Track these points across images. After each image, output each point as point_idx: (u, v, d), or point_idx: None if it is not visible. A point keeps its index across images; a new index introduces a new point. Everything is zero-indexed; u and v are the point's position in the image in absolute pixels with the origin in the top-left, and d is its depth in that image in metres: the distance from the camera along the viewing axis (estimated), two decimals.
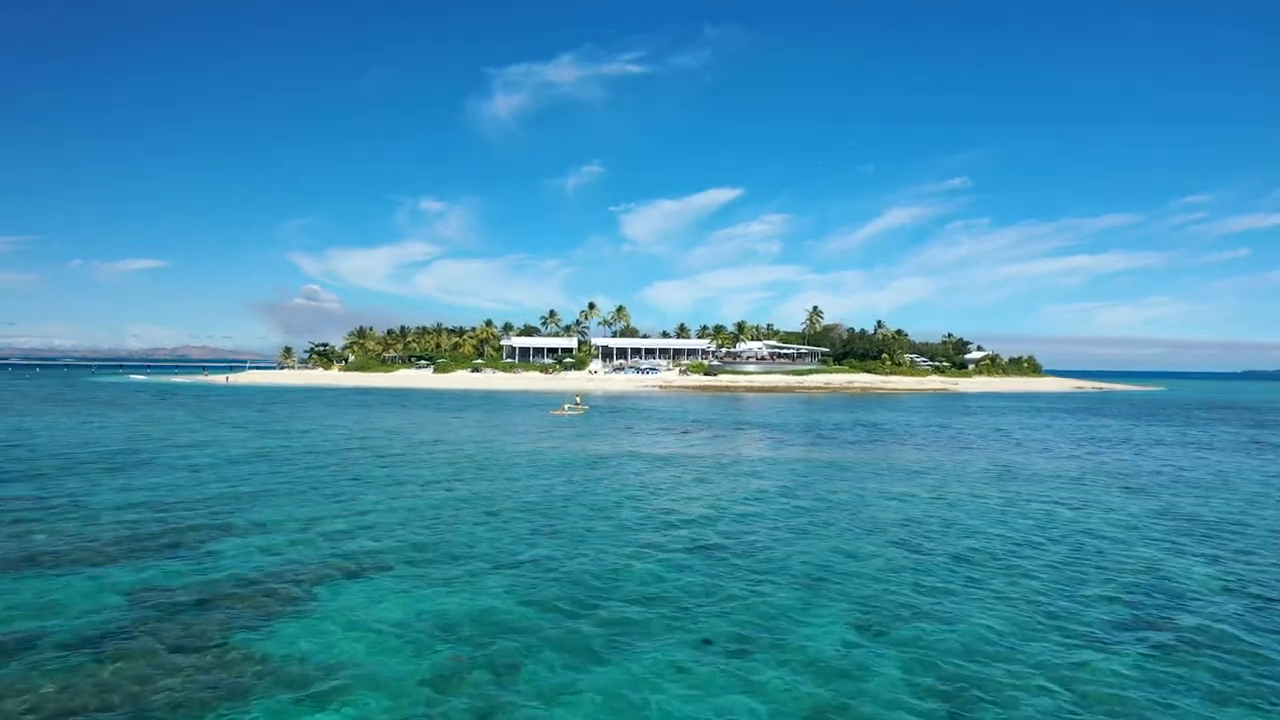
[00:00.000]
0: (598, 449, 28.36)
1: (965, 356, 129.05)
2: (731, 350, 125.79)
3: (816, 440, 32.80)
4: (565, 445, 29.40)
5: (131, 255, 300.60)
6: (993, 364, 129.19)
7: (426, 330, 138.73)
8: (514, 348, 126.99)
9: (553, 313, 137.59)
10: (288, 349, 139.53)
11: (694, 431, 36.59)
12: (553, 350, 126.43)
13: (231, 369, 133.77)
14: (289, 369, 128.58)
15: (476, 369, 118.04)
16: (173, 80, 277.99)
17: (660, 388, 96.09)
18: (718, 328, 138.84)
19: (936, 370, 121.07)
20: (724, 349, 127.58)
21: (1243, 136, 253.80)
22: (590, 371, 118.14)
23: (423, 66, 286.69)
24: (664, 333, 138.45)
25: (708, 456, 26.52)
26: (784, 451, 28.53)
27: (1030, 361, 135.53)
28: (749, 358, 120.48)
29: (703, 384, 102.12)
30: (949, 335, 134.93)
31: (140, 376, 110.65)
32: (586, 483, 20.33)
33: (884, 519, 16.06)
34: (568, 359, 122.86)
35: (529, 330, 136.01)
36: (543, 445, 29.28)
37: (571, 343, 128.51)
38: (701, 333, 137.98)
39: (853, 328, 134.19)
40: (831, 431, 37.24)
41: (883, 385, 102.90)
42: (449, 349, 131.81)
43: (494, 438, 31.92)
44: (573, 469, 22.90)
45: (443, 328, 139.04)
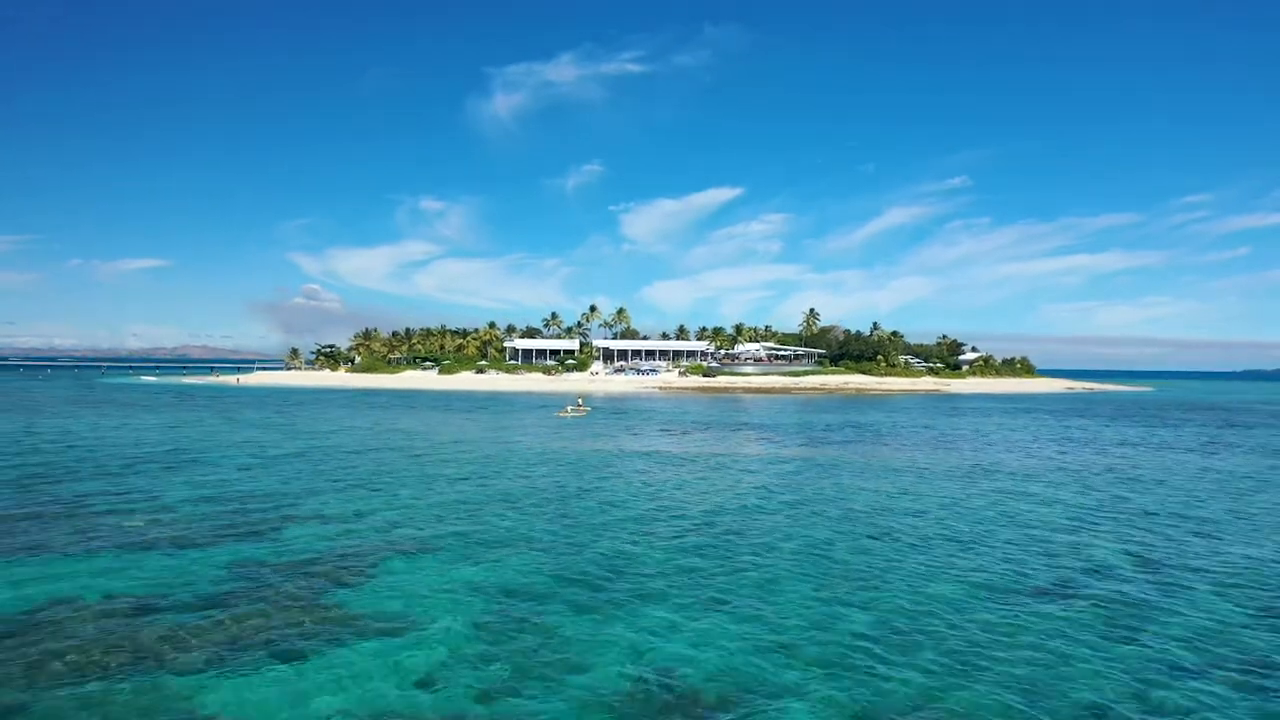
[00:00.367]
0: (603, 448, 30.84)
1: (959, 358, 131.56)
2: (730, 352, 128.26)
3: (806, 441, 35.27)
4: (573, 445, 31.89)
5: (131, 255, 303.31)
6: (986, 365, 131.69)
7: (431, 332, 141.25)
8: (517, 349, 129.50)
9: (555, 315, 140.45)
10: (294, 350, 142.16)
11: (692, 432, 39.06)
12: (555, 352, 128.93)
13: (239, 369, 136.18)
14: (296, 370, 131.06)
15: (481, 370, 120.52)
16: (173, 80, 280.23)
17: (660, 389, 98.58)
18: (716, 329, 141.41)
19: (931, 371, 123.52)
20: (722, 350, 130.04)
21: (1242, 136, 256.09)
22: (592, 373, 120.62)
23: (423, 66, 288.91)
24: (664, 334, 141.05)
25: (705, 455, 29.00)
26: (776, 451, 31.01)
27: (1023, 362, 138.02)
28: (747, 359, 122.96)
29: (701, 385, 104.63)
30: (944, 337, 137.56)
31: (151, 378, 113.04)
32: (596, 479, 22.82)
33: (857, 510, 18.53)
34: (570, 361, 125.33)
35: (531, 332, 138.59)
36: (553, 445, 31.77)
37: (573, 345, 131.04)
38: (701, 334, 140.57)
39: (849, 329, 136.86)
40: (822, 432, 39.71)
41: (877, 386, 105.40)
42: (453, 350, 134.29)
43: (507, 438, 34.39)
44: (582, 467, 25.38)
45: (446, 329, 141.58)
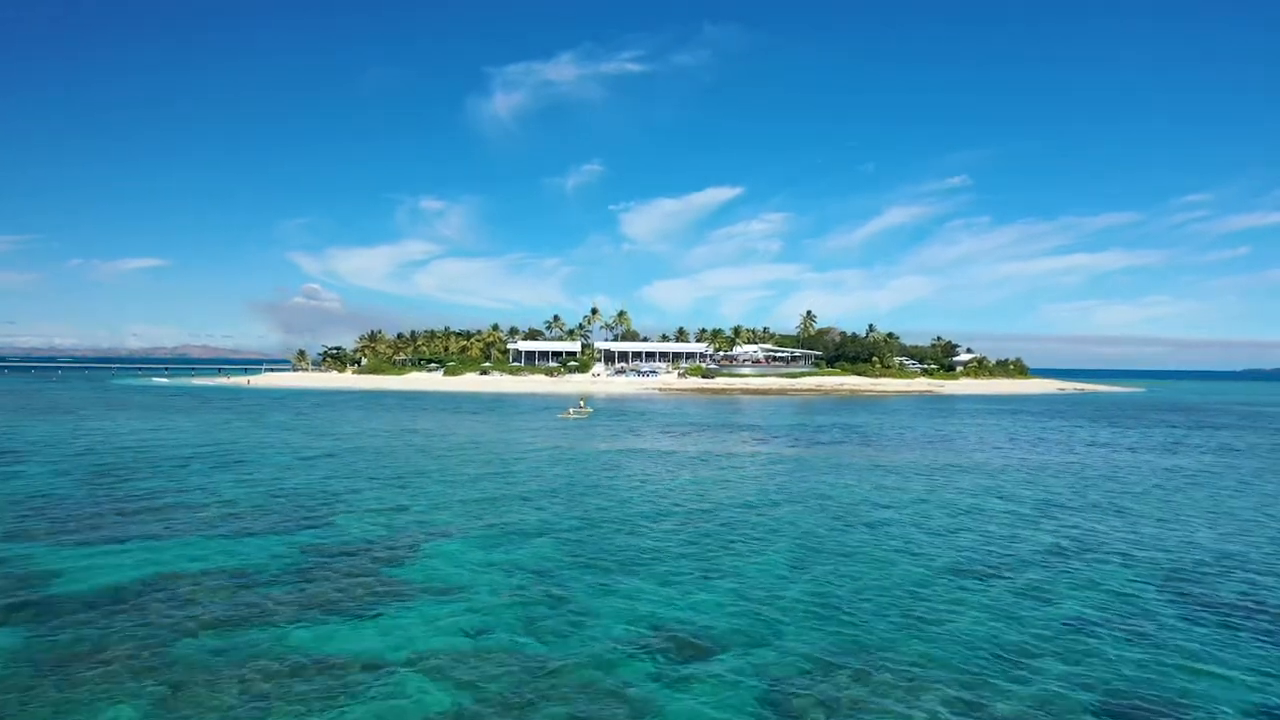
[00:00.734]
0: (607, 448, 33.42)
1: (953, 359, 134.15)
2: (728, 353, 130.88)
3: (796, 441, 37.85)
4: (580, 445, 34.48)
5: (131, 254, 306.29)
6: (980, 366, 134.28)
7: (435, 334, 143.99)
8: (520, 351, 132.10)
9: (557, 317, 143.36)
10: (301, 352, 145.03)
11: (690, 433, 41.64)
12: (557, 354, 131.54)
13: (247, 370, 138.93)
14: (303, 371, 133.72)
15: (485, 372, 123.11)
16: (173, 80, 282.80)
17: (660, 390, 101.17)
18: (715, 331, 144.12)
19: (925, 373, 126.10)
20: (721, 352, 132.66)
21: (1242, 135, 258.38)
22: (593, 374, 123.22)
23: (423, 66, 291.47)
24: (663, 336, 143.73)
25: (701, 455, 31.57)
26: (767, 451, 33.59)
27: (1017, 363, 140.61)
28: (745, 361, 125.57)
29: (700, 387, 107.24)
30: (938, 338, 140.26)
31: (163, 379, 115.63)
32: (602, 476, 25.40)
33: (835, 503, 21.10)
34: (572, 362, 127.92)
35: (534, 334, 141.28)
36: (561, 445, 34.36)
37: (575, 346, 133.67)
38: (700, 336, 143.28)
39: (845, 331, 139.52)
40: (812, 433, 42.30)
41: (871, 388, 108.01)
42: (457, 352, 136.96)
43: (517, 439, 36.97)
44: (589, 465, 27.96)
45: (450, 331, 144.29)
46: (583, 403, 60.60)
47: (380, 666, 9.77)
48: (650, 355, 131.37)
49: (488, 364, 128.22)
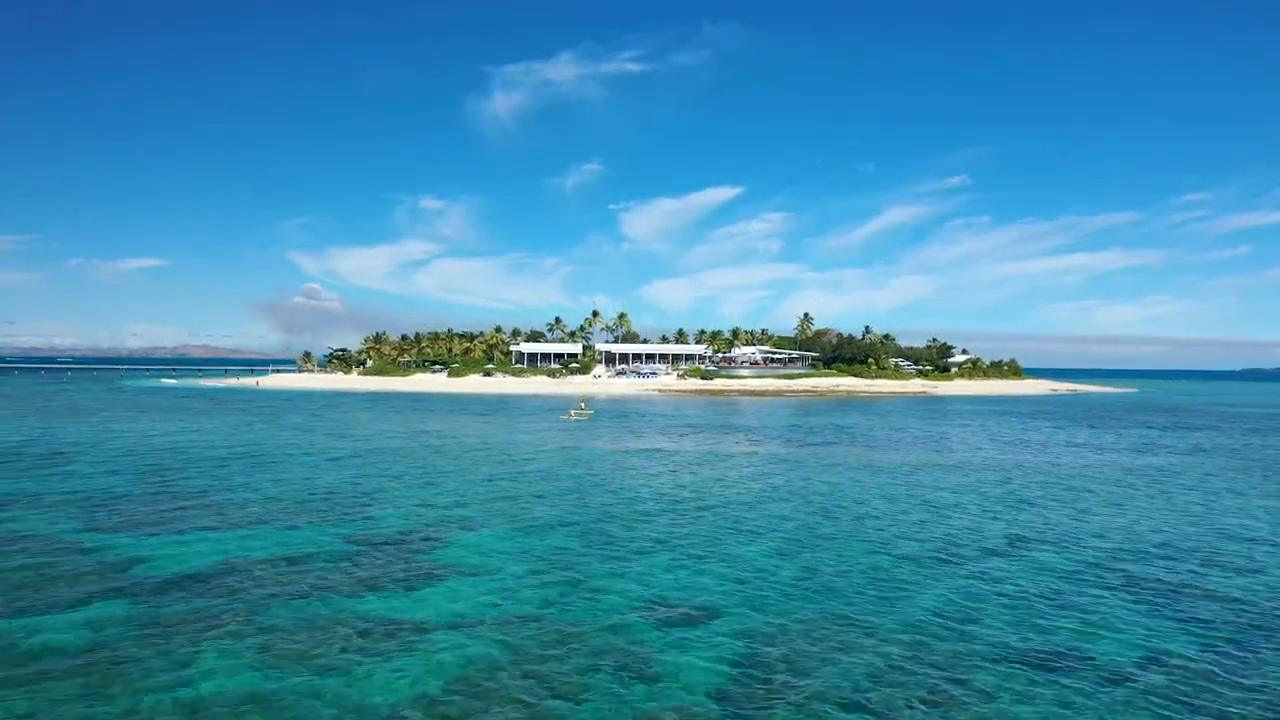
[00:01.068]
0: (611, 448, 35.57)
1: (948, 360, 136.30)
2: (727, 355, 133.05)
3: (789, 441, 40.00)
4: (585, 446, 36.63)
5: (131, 254, 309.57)
6: (974, 367, 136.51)
7: (439, 335, 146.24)
8: (522, 353, 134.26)
9: (558, 319, 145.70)
10: (307, 353, 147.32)
11: (690, 434, 43.78)
12: (559, 356, 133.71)
13: (254, 371, 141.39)
14: (309, 372, 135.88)
15: (488, 374, 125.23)
16: (173, 80, 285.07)
17: (660, 392, 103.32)
18: (715, 332, 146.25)
19: (920, 374, 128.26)
20: (720, 354, 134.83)
21: (1242, 135, 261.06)
22: (594, 376, 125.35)
23: (423, 66, 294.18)
24: (663, 337, 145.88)
25: (699, 454, 33.70)
26: (761, 450, 35.73)
27: (1011, 364, 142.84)
28: (743, 362, 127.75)
29: (699, 388, 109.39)
30: (934, 340, 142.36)
31: (171, 380, 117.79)
32: (607, 474, 27.53)
33: (820, 498, 23.24)
34: (573, 364, 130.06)
35: (535, 335, 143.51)
36: (567, 446, 36.50)
37: (576, 348, 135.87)
38: (699, 337, 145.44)
39: (841, 332, 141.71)
40: (805, 434, 44.45)
41: (867, 389, 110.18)
42: (460, 354, 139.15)
43: (525, 440, 39.12)
44: (595, 464, 30.10)
45: (454, 333, 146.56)
46: (584, 404, 62.66)
47: (430, 629, 11.89)
48: (650, 357, 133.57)
49: (490, 365, 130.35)
